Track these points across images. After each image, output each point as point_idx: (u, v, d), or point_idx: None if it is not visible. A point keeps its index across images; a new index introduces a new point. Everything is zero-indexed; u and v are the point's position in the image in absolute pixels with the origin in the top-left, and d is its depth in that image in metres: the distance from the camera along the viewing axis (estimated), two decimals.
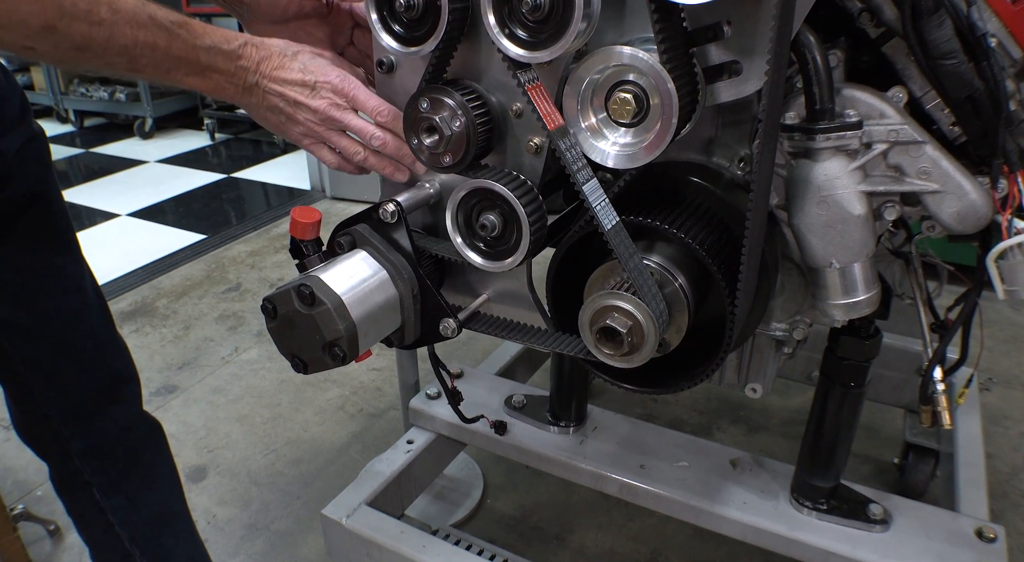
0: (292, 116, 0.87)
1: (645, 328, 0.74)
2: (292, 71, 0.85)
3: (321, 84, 0.85)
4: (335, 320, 0.78)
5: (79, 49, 0.73)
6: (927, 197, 0.81)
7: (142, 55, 0.77)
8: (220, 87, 0.84)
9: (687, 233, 0.77)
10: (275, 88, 0.85)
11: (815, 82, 0.77)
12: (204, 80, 0.83)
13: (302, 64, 0.86)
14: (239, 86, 0.85)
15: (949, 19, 0.77)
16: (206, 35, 0.81)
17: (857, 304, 0.85)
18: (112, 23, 0.73)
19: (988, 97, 0.78)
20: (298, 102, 0.86)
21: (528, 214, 0.77)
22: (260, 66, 0.85)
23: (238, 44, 0.84)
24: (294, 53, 0.87)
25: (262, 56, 0.85)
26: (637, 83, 0.73)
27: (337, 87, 0.86)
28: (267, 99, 0.86)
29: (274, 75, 0.85)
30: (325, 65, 0.87)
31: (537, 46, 0.71)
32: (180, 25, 0.79)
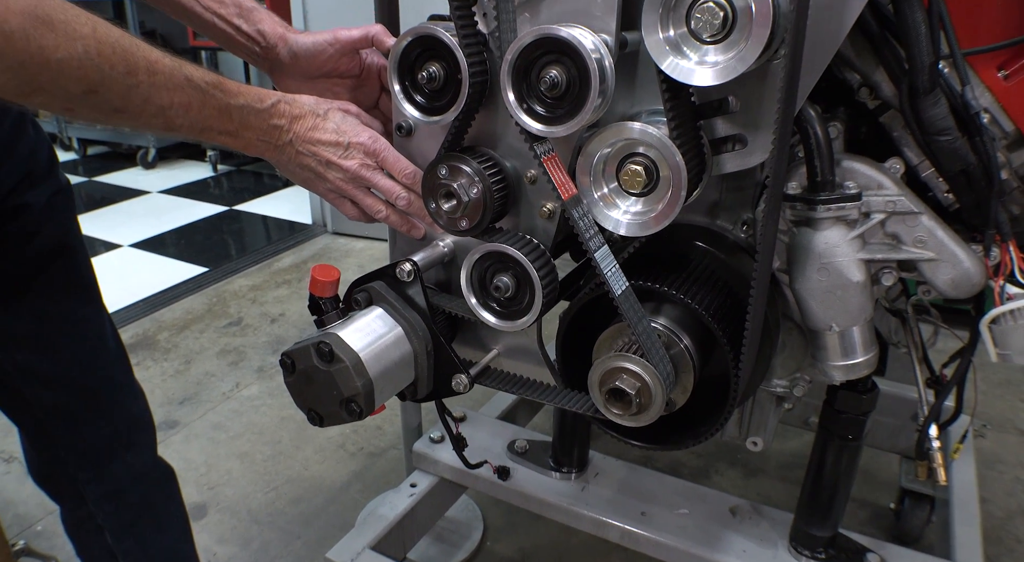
0: (322, 174, 0.89)
1: (653, 389, 0.77)
2: (326, 132, 0.87)
3: (354, 145, 0.88)
4: (353, 377, 0.81)
5: (117, 111, 0.74)
6: (923, 264, 0.85)
7: (177, 116, 0.78)
8: (252, 145, 0.86)
9: (693, 298, 0.80)
10: (309, 148, 0.87)
11: (817, 156, 0.81)
12: (237, 139, 0.84)
13: (335, 124, 0.88)
14: (272, 144, 0.86)
15: (944, 98, 0.81)
16: (240, 94, 0.82)
17: (856, 366, 0.88)
18: (149, 85, 0.74)
19: (981, 171, 0.82)
20: (330, 162, 0.88)
21: (541, 277, 0.80)
22: (294, 125, 0.86)
23: (271, 102, 0.85)
24: (325, 112, 0.88)
25: (295, 115, 0.86)
26: (647, 155, 0.76)
27: (369, 148, 0.88)
28: (299, 158, 0.88)
29: (308, 136, 0.87)
30: (356, 125, 0.89)
31: (554, 121, 0.74)
32: (215, 85, 0.80)
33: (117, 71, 0.71)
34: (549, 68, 0.73)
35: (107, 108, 0.73)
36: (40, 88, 0.68)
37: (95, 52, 0.69)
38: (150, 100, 0.75)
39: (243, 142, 0.85)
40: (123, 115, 0.75)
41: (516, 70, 0.74)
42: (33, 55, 0.64)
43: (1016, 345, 0.83)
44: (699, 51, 0.71)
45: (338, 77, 1.01)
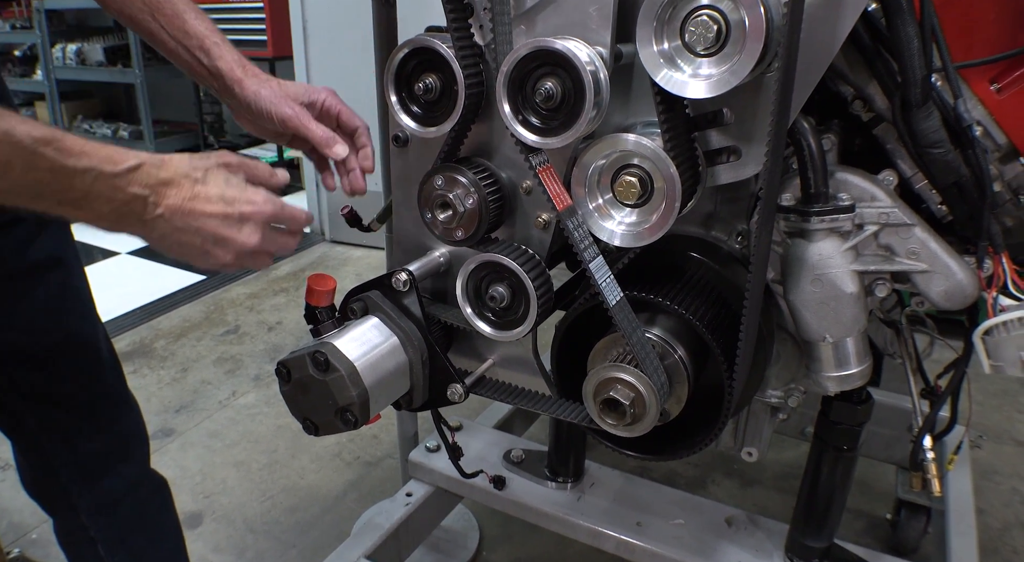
0: (211, 252, 0.74)
1: (647, 400, 0.77)
2: (210, 202, 0.72)
3: (247, 215, 0.74)
4: (348, 387, 0.81)
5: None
6: (916, 276, 0.85)
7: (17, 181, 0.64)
8: (105, 218, 0.69)
9: (687, 309, 0.80)
10: (190, 223, 0.72)
11: (810, 168, 0.81)
12: (83, 210, 0.68)
13: (219, 190, 0.73)
14: (135, 218, 0.70)
15: (936, 111, 0.82)
16: (84, 154, 0.66)
17: (850, 377, 0.88)
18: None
19: (974, 183, 0.83)
20: (223, 239, 0.73)
21: (536, 287, 0.81)
22: (163, 196, 0.70)
23: (127, 166, 0.68)
24: (204, 174, 0.73)
25: (163, 180, 0.70)
26: (642, 167, 0.77)
27: (264, 214, 0.75)
28: (178, 235, 0.72)
29: (187, 208, 0.71)
30: (243, 187, 0.75)
31: (549, 133, 0.75)
32: (46, 142, 0.64)
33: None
34: (544, 80, 0.74)
35: None
36: None
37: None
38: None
39: (93, 214, 0.69)
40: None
41: (512, 82, 0.74)
42: None
43: (1009, 357, 0.83)
44: (693, 64, 0.71)
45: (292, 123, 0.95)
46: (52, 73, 5.29)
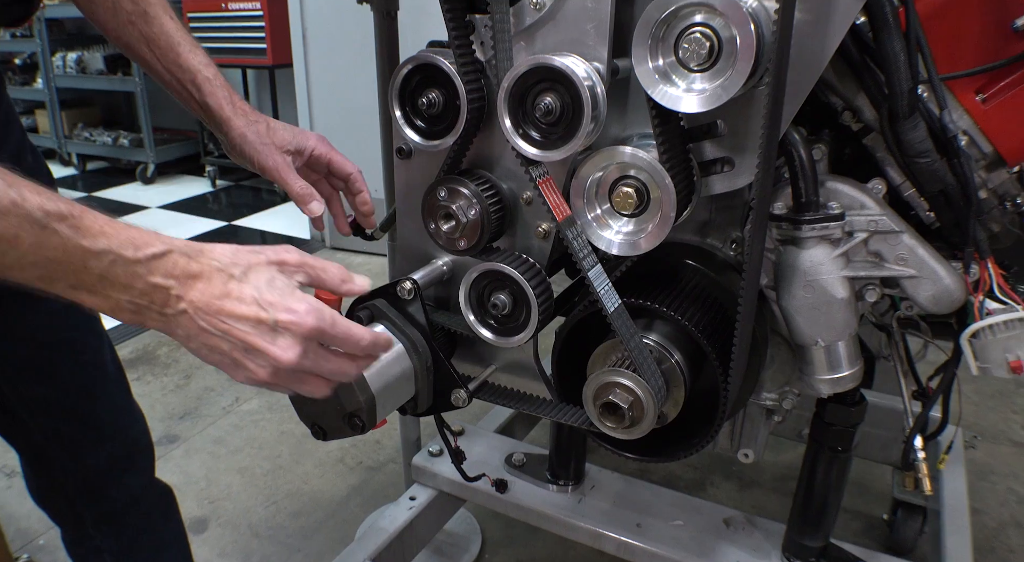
0: (239, 362, 0.64)
1: (645, 403, 0.80)
2: (243, 302, 0.62)
3: (284, 324, 0.62)
4: (355, 392, 0.83)
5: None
6: (905, 281, 0.88)
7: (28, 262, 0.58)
8: (122, 309, 0.61)
9: (683, 315, 0.83)
10: (215, 324, 0.62)
11: (801, 177, 0.84)
12: (98, 297, 0.60)
13: (255, 291, 0.63)
14: (152, 311, 0.62)
15: (923, 121, 0.85)
16: (101, 235, 0.58)
17: (842, 379, 0.91)
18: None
19: (959, 192, 0.86)
20: (252, 347, 0.62)
21: (536, 295, 0.83)
22: (189, 290, 0.61)
23: (151, 253, 0.60)
24: (245, 271, 0.64)
25: (192, 274, 0.62)
26: (638, 178, 0.80)
27: (306, 328, 0.63)
28: (204, 336, 0.62)
29: (213, 306, 0.61)
30: (289, 292, 0.65)
31: (549, 146, 0.78)
32: (60, 218, 0.57)
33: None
34: (544, 95, 0.76)
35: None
36: None
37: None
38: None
39: (110, 303, 0.61)
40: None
41: (512, 97, 0.77)
42: None
43: (995, 359, 0.86)
44: (687, 79, 0.74)
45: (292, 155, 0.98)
46: (52, 81, 5.32)
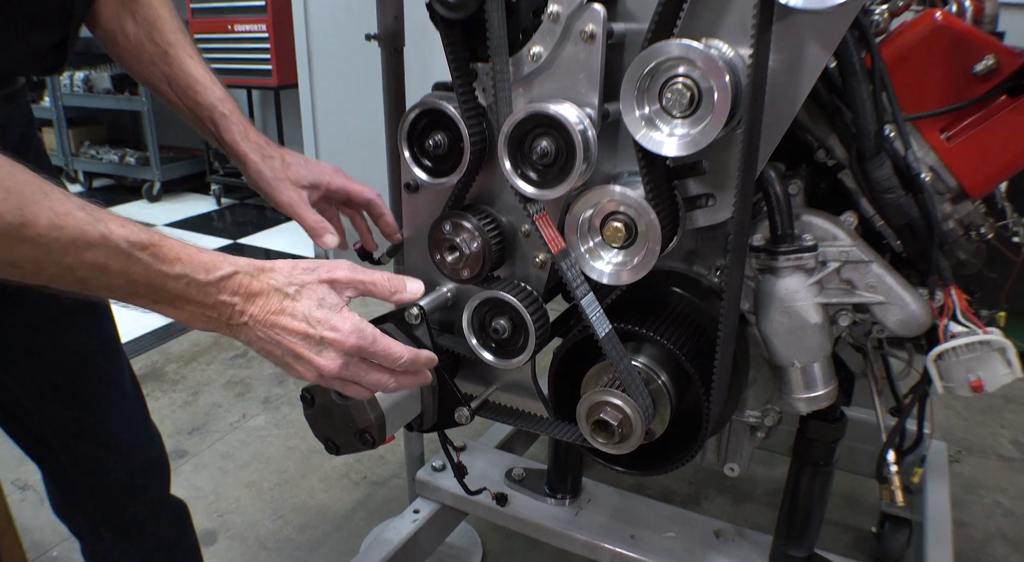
0: (292, 366, 0.75)
1: (633, 421, 0.87)
2: (295, 318, 0.72)
3: (329, 341, 0.72)
4: (367, 410, 0.90)
5: (12, 266, 0.63)
6: (874, 307, 0.95)
7: (91, 277, 0.66)
8: (196, 319, 0.71)
9: (669, 339, 0.90)
10: (271, 335, 0.72)
11: (777, 212, 0.91)
12: (175, 309, 0.70)
13: (306, 310, 0.72)
14: (221, 322, 0.72)
15: (889, 160, 0.92)
16: (178, 261, 0.68)
17: (817, 398, 0.98)
18: (49, 241, 0.63)
19: (923, 224, 0.93)
20: (300, 356, 0.73)
21: (534, 320, 0.90)
22: (250, 306, 0.71)
23: (220, 275, 0.70)
24: (298, 290, 0.73)
25: (252, 291, 0.71)
26: (627, 214, 0.87)
27: (348, 346, 0.73)
28: (260, 344, 0.73)
29: (269, 320, 0.71)
30: (335, 311, 0.73)
31: (545, 185, 0.85)
32: (142, 247, 0.66)
33: (5, 222, 0.60)
34: (540, 139, 0.84)
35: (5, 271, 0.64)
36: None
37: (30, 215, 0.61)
38: (51, 256, 0.63)
39: (185, 315, 0.71)
40: (19, 270, 0.64)
41: (511, 141, 0.84)
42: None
43: (958, 378, 0.93)
44: (670, 125, 0.81)
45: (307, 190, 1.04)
46: (60, 100, 5.41)
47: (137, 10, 1.00)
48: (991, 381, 0.92)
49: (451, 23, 0.85)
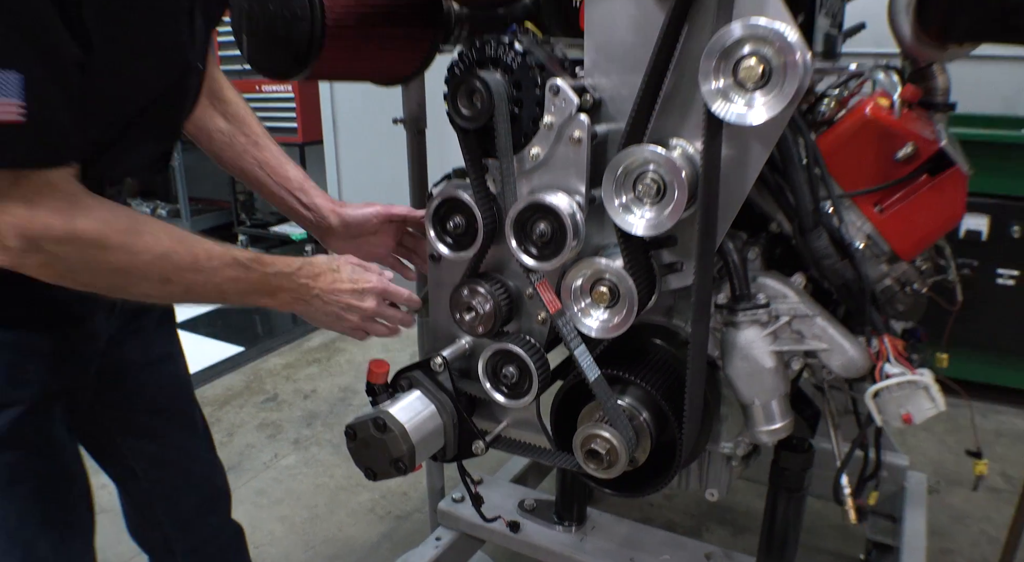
0: (343, 316, 1.12)
1: (619, 451, 1.06)
2: (344, 282, 1.11)
3: (367, 289, 1.12)
4: (400, 443, 1.10)
5: (187, 292, 0.98)
6: (820, 353, 1.14)
7: (229, 289, 1.00)
8: (286, 303, 1.08)
9: (649, 383, 1.09)
10: (332, 298, 1.11)
11: (735, 277, 1.11)
12: (274, 299, 1.06)
13: (348, 275, 1.12)
14: (301, 299, 1.09)
15: (825, 232, 1.12)
16: (273, 264, 1.05)
17: (777, 430, 1.16)
18: (209, 269, 0.97)
19: (857, 285, 1.12)
20: (351, 306, 1.12)
21: (537, 368, 1.10)
22: (317, 282, 1.09)
23: (297, 266, 1.07)
24: (338, 266, 1.12)
25: (315, 273, 1.09)
26: (611, 280, 1.07)
27: (379, 289, 1.13)
28: (324, 307, 1.11)
29: (331, 288, 1.10)
30: (364, 272, 1.14)
31: (544, 259, 1.06)
32: (255, 260, 1.03)
33: (185, 263, 0.94)
34: (539, 222, 1.05)
35: (178, 291, 0.97)
36: (129, 285, 0.93)
37: (170, 252, 0.93)
38: (209, 281, 0.98)
39: (279, 301, 1.07)
40: (191, 295, 1.00)
41: (516, 224, 1.05)
42: (125, 263, 0.90)
43: (891, 413, 1.11)
44: (642, 210, 1.02)
45: (373, 233, 1.34)
46: None
47: (227, 110, 1.27)
48: (918, 415, 1.10)
49: (467, 130, 1.07)
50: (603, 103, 1.08)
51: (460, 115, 1.06)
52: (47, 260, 0.86)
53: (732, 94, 0.92)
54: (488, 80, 1.02)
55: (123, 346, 1.19)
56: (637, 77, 1.01)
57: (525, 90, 1.04)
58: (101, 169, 0.96)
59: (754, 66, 0.90)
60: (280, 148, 1.33)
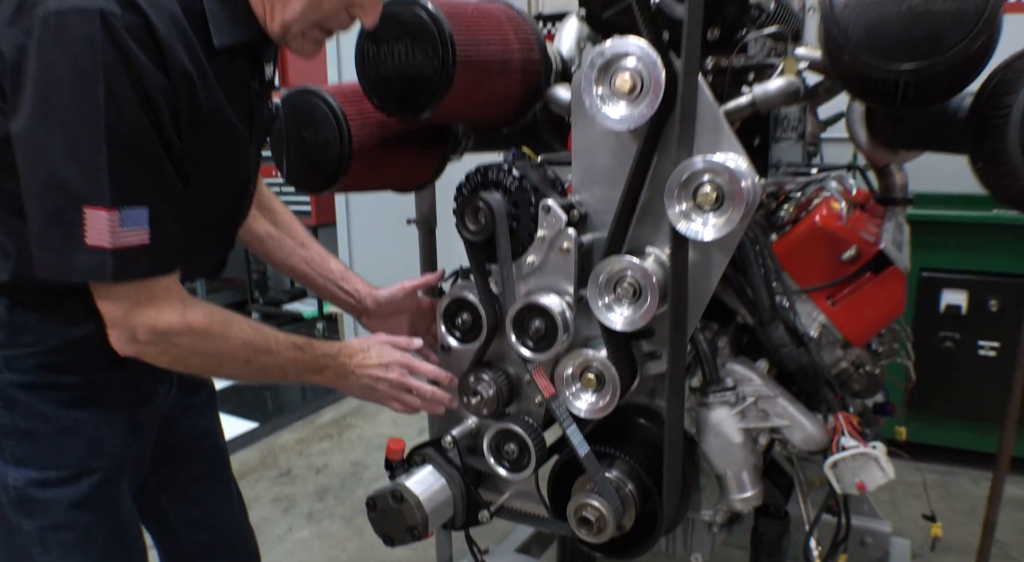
0: (374, 387, 1.30)
1: (607, 518, 1.21)
2: (371, 358, 1.29)
3: (391, 363, 1.30)
4: (415, 512, 1.26)
5: (260, 372, 1.20)
6: (783, 429, 1.30)
7: (290, 369, 1.22)
8: (330, 379, 1.28)
9: (633, 458, 1.26)
10: (364, 372, 1.29)
11: (705, 364, 1.29)
12: (322, 376, 1.27)
13: (376, 353, 1.30)
14: (341, 375, 1.29)
15: (782, 324, 1.30)
16: (320, 348, 1.26)
17: (749, 498, 1.31)
18: (276, 352, 1.19)
19: (812, 370, 1.29)
20: (379, 378, 1.29)
21: (534, 445, 1.27)
22: (352, 361, 1.28)
23: (337, 349, 1.28)
24: (368, 347, 1.31)
25: (350, 353, 1.29)
26: (597, 367, 1.24)
27: (402, 362, 1.30)
28: (358, 379, 1.30)
29: (362, 364, 1.29)
30: (390, 350, 1.31)
31: (539, 350, 1.24)
32: (308, 346, 1.24)
33: (261, 348, 1.17)
34: (534, 319, 1.23)
35: (255, 371, 1.20)
36: (220, 367, 1.17)
37: (252, 339, 1.16)
38: (276, 361, 1.20)
39: (325, 378, 1.28)
40: (263, 374, 1.23)
41: (514, 321, 1.24)
42: (221, 348, 1.14)
43: (847, 480, 1.26)
44: (621, 308, 1.20)
45: (403, 314, 1.52)
46: None
47: (275, 218, 1.51)
48: (870, 483, 1.25)
49: (473, 242, 1.26)
50: (588, 216, 1.28)
51: (467, 229, 1.25)
52: (166, 349, 1.09)
53: (693, 215, 1.11)
54: (490, 201, 1.22)
55: (176, 421, 1.38)
56: (617, 193, 1.20)
57: (522, 208, 1.24)
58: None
59: (709, 192, 1.09)
60: (321, 246, 1.56)
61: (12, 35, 0.96)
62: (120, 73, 0.96)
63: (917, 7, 0.92)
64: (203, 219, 1.17)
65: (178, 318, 1.07)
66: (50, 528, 1.16)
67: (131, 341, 1.06)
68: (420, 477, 1.32)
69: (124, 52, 0.96)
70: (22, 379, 1.12)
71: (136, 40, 0.97)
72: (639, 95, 1.10)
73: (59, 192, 0.98)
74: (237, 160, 1.21)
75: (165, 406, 1.34)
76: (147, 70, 0.98)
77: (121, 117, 0.97)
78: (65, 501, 1.16)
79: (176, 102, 1.03)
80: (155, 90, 0.99)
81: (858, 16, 0.96)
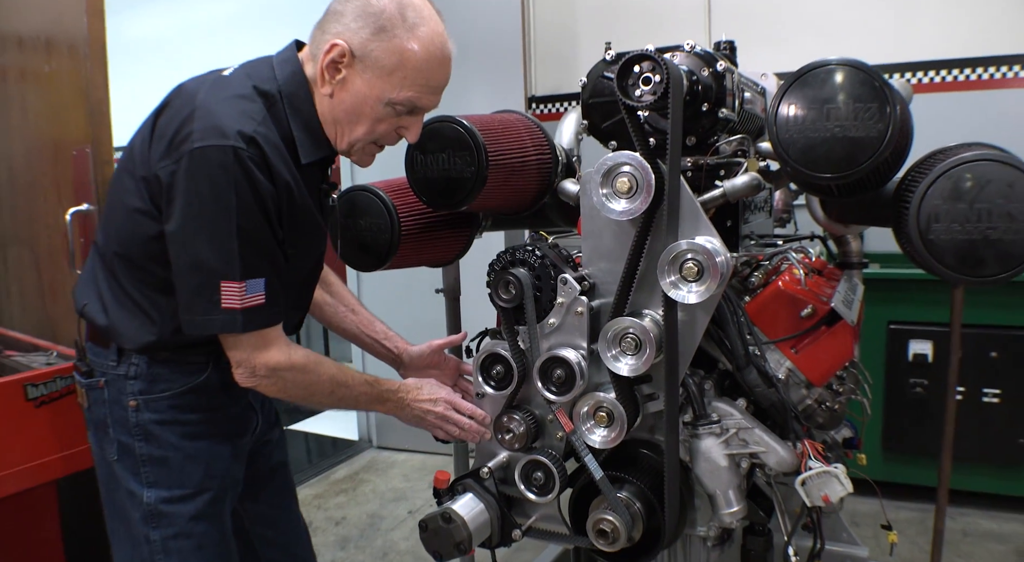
0: (423, 417, 1.63)
1: (620, 530, 1.49)
2: (423, 394, 1.63)
3: (438, 399, 1.63)
4: (462, 530, 1.53)
5: (340, 401, 1.54)
6: (760, 454, 1.60)
7: (362, 400, 1.57)
8: (391, 410, 1.62)
9: (640, 481, 1.54)
10: (416, 405, 1.62)
11: (694, 402, 1.59)
12: (384, 405, 1.61)
13: (427, 391, 1.64)
14: (398, 407, 1.62)
15: (755, 369, 1.61)
16: (383, 384, 1.60)
17: (736, 512, 1.59)
18: (353, 386, 1.54)
19: (781, 406, 1.59)
20: (428, 410, 1.62)
21: (558, 473, 1.56)
22: (407, 396, 1.62)
23: (397, 386, 1.62)
24: (420, 385, 1.65)
25: (407, 390, 1.63)
26: (608, 407, 1.54)
27: (447, 399, 1.63)
28: (411, 411, 1.62)
29: (416, 398, 1.62)
30: (438, 388, 1.66)
31: (560, 394, 1.54)
32: (375, 382, 1.58)
33: (342, 382, 1.52)
34: (556, 369, 1.54)
35: (335, 400, 1.54)
36: (312, 396, 1.49)
37: (336, 374, 1.51)
38: (350, 393, 1.54)
39: (387, 408, 1.62)
40: (342, 402, 1.56)
41: (540, 371, 1.54)
42: (314, 381, 1.47)
43: (815, 496, 1.54)
44: (626, 358, 1.50)
45: (433, 368, 1.85)
46: None
47: (331, 289, 1.85)
48: (833, 495, 1.54)
49: (505, 308, 1.57)
50: (596, 286, 1.60)
51: (500, 298, 1.57)
52: (276, 381, 1.43)
53: (680, 284, 1.43)
54: (519, 276, 1.54)
55: (258, 455, 1.70)
56: (619, 267, 1.52)
57: (543, 281, 1.56)
58: None
59: (692, 267, 1.41)
60: (367, 311, 1.91)
61: (165, 165, 1.34)
62: (244, 187, 1.31)
63: (837, 134, 1.25)
64: (292, 284, 1.51)
65: (285, 358, 1.42)
66: (172, 537, 1.46)
67: (251, 376, 1.42)
68: (464, 502, 1.59)
69: (247, 173, 1.31)
70: (157, 417, 1.45)
71: (255, 164, 1.33)
72: (635, 194, 1.43)
73: (202, 272, 1.33)
74: (316, 242, 1.58)
75: (251, 440, 1.63)
76: (262, 184, 1.33)
77: (245, 217, 1.33)
78: (186, 514, 1.47)
79: (280, 203, 1.39)
80: (267, 197, 1.34)
81: (795, 139, 1.30)
